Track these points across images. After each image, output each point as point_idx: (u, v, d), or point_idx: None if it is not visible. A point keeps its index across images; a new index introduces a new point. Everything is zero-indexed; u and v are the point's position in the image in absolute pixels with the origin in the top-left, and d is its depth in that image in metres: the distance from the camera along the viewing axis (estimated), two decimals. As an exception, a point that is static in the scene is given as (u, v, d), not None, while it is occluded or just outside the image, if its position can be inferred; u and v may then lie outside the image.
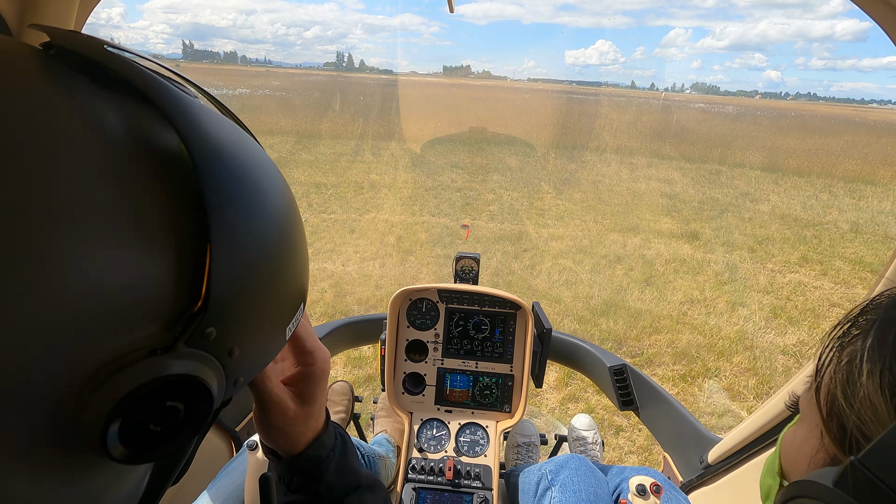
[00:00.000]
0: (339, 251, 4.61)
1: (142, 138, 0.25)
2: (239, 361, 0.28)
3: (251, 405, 1.50)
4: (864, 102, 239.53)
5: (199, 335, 0.24)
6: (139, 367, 0.22)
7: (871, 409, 0.29)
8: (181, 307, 0.24)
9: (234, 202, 0.26)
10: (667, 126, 18.50)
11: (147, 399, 0.23)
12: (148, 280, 0.22)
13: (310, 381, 0.46)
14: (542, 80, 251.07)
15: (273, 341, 0.32)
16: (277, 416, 0.44)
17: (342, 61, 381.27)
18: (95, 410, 0.21)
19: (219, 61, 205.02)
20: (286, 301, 0.32)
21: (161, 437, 0.25)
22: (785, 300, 4.11)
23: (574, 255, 4.81)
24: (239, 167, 0.28)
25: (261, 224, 0.28)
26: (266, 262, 0.28)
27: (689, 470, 1.18)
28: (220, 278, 0.25)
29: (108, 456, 0.23)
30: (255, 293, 0.28)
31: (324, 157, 9.12)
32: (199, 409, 0.26)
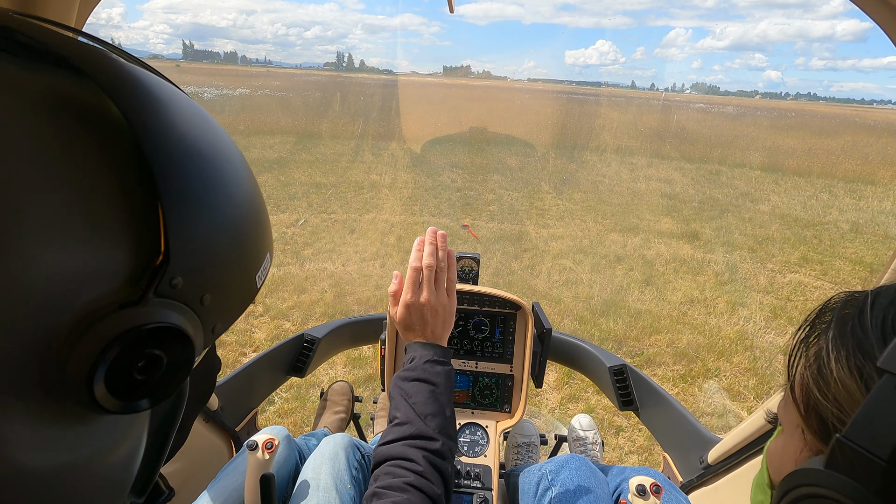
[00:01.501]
0: (339, 251, 4.61)
1: (73, 107, 0.25)
2: (212, 309, 0.30)
3: (251, 405, 1.51)
4: (864, 102, 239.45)
5: (168, 285, 0.26)
6: (112, 320, 0.24)
7: (845, 391, 0.31)
8: (143, 262, 0.26)
9: (180, 158, 0.27)
10: (667, 126, 18.50)
11: (128, 349, 0.25)
12: (103, 241, 0.24)
13: None
14: (543, 81, 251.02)
15: (243, 289, 0.34)
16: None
17: (342, 61, 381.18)
18: (78, 362, 0.23)
19: (219, 61, 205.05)
20: (250, 250, 0.34)
21: (147, 386, 0.26)
22: (785, 300, 4.11)
23: (574, 255, 4.81)
24: (180, 122, 0.28)
25: (212, 177, 0.29)
26: (223, 213, 0.30)
27: (689, 470, 1.18)
28: (177, 233, 0.26)
29: (97, 406, 0.24)
30: (217, 243, 0.29)
31: (324, 157, 9.12)
32: (180, 356, 0.27)
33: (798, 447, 0.37)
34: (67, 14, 0.64)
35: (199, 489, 0.93)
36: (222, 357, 2.85)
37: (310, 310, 3.47)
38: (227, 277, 0.31)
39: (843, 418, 0.31)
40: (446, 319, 0.80)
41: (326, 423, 1.49)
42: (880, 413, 0.27)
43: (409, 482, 0.59)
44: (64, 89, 0.26)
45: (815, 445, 0.35)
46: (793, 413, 0.37)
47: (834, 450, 0.29)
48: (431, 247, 0.82)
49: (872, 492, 0.27)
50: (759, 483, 0.45)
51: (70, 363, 0.23)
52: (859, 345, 0.32)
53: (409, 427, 0.66)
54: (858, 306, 0.34)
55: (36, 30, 0.26)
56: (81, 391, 0.23)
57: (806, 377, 0.36)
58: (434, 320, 0.78)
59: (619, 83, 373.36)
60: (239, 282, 0.33)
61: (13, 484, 0.22)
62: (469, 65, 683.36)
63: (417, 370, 0.73)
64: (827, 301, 0.38)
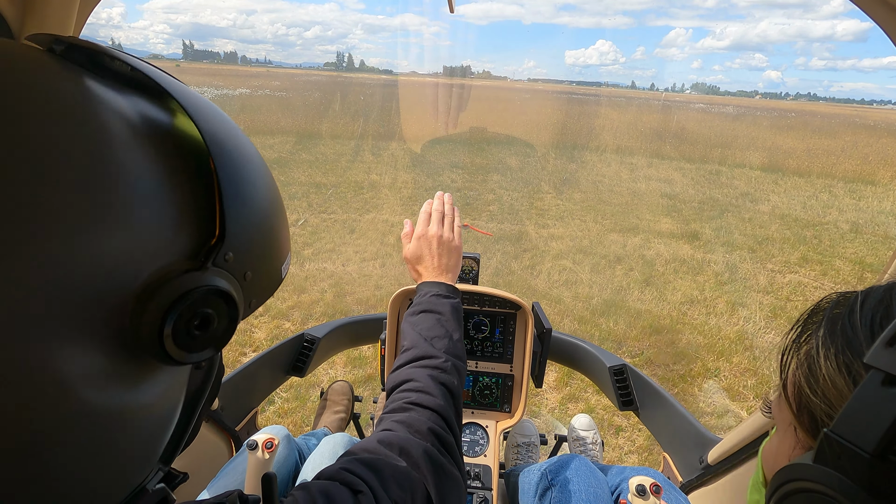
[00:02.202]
0: (339, 251, 4.61)
1: (156, 119, 0.32)
2: (251, 285, 0.36)
3: (251, 405, 1.51)
4: (864, 102, 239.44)
5: (222, 259, 0.33)
6: (179, 281, 0.30)
7: (834, 388, 0.32)
8: (204, 239, 0.33)
9: (236, 167, 0.35)
10: (667, 126, 18.50)
11: (190, 306, 0.30)
12: (176, 222, 0.31)
13: None
14: (543, 81, 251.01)
15: (272, 275, 0.40)
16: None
17: (342, 61, 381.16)
18: (151, 315, 0.28)
19: (219, 61, 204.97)
20: (279, 244, 0.41)
21: (202, 340, 0.32)
22: (785, 300, 4.11)
23: (574, 255, 4.81)
24: (234, 137, 0.36)
25: (255, 183, 0.37)
26: (263, 210, 0.38)
27: (689, 470, 1.18)
28: (230, 218, 0.33)
29: (164, 354, 0.29)
30: (259, 232, 0.37)
31: (324, 157, 9.12)
32: (227, 316, 0.33)
33: (791, 445, 0.38)
34: (68, 14, 0.65)
35: (199, 488, 0.93)
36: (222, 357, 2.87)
37: (310, 310, 3.47)
38: (264, 261, 0.38)
39: (833, 414, 0.32)
40: (453, 253, 0.87)
41: (326, 422, 1.49)
42: (865, 407, 0.28)
43: (411, 401, 0.59)
44: (149, 108, 0.33)
45: (807, 442, 0.36)
46: (786, 411, 0.38)
47: (822, 444, 0.29)
48: (438, 200, 0.93)
49: (859, 484, 0.27)
50: (755, 483, 0.46)
51: (145, 317, 0.28)
52: (848, 343, 0.32)
53: (413, 351, 0.69)
54: (849, 306, 0.34)
55: (123, 57, 0.33)
56: (153, 340, 0.29)
57: (797, 376, 0.36)
58: (441, 250, 0.86)
59: (619, 83, 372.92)
60: (270, 267, 0.39)
61: (78, 417, 0.26)
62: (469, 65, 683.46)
63: (424, 303, 0.77)
64: (818, 301, 0.39)
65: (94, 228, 0.26)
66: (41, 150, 0.24)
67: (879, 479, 0.27)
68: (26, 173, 0.24)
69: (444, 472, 0.51)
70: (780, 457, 0.39)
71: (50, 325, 0.24)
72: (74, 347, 0.25)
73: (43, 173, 0.24)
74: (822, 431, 0.30)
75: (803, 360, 0.36)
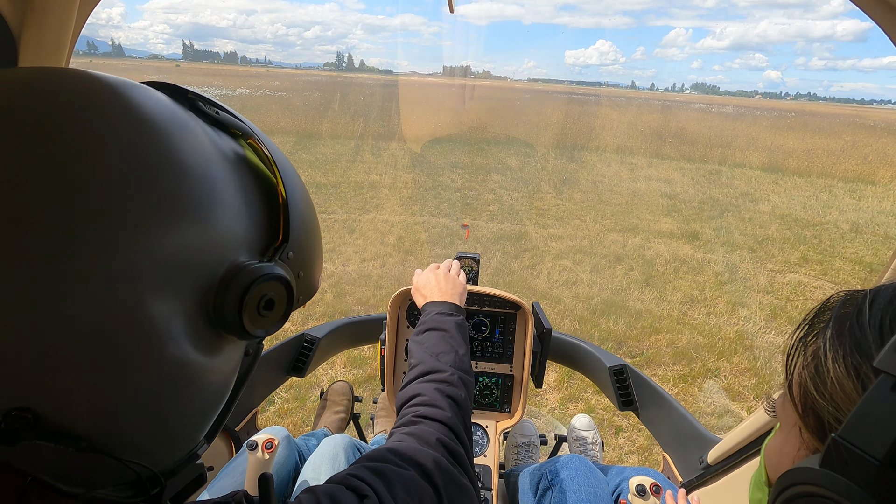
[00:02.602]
0: (339, 251, 4.61)
1: (243, 154, 0.41)
2: (302, 283, 0.43)
3: (251, 405, 1.51)
4: (864, 102, 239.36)
5: (286, 256, 0.40)
6: (253, 269, 0.36)
7: (841, 391, 0.32)
8: (273, 238, 0.41)
9: (295, 187, 0.43)
10: (667, 126, 18.50)
11: (259, 289, 0.36)
12: (255, 226, 0.39)
13: None
14: (543, 81, 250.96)
15: (314, 279, 0.47)
16: None
17: (342, 61, 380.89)
18: (232, 294, 0.35)
19: (219, 61, 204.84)
20: (320, 254, 0.48)
21: (268, 319, 0.39)
22: (785, 300, 4.11)
23: (574, 255, 4.81)
24: (292, 167, 0.44)
25: (307, 202, 0.45)
26: (312, 224, 0.46)
27: (689, 470, 1.18)
28: (292, 224, 0.41)
29: (240, 327, 0.36)
30: (309, 241, 0.44)
31: (324, 157, 9.12)
32: (285, 301, 0.40)
33: (795, 445, 0.37)
34: (68, 14, 0.64)
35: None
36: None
37: (310, 310, 3.47)
38: (312, 265, 0.45)
39: (840, 417, 0.31)
40: (457, 285, 0.93)
41: (326, 423, 1.49)
42: (875, 413, 0.27)
43: (420, 414, 0.61)
44: (234, 144, 0.41)
45: (811, 444, 0.35)
46: (790, 412, 0.37)
47: (829, 449, 0.29)
48: (447, 262, 1.03)
49: (867, 491, 0.27)
50: (756, 481, 0.45)
51: (227, 295, 0.35)
52: (857, 344, 0.32)
53: (420, 367, 0.71)
54: (857, 306, 0.34)
55: (210, 103, 0.41)
56: (233, 313, 0.35)
57: (804, 376, 0.36)
58: (447, 281, 0.92)
59: (619, 83, 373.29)
60: (315, 272, 0.46)
61: (164, 362, 0.32)
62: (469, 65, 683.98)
63: (429, 322, 0.81)
64: (826, 300, 0.38)
65: (194, 223, 0.33)
66: (166, 169, 0.32)
67: (888, 487, 0.26)
68: (158, 183, 0.31)
69: (454, 482, 0.51)
70: (783, 457, 0.39)
71: (159, 290, 0.31)
72: (169, 308, 0.31)
73: (167, 185, 0.32)
74: (829, 436, 0.29)
75: (810, 360, 0.35)
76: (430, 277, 0.94)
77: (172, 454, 0.37)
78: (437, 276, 0.93)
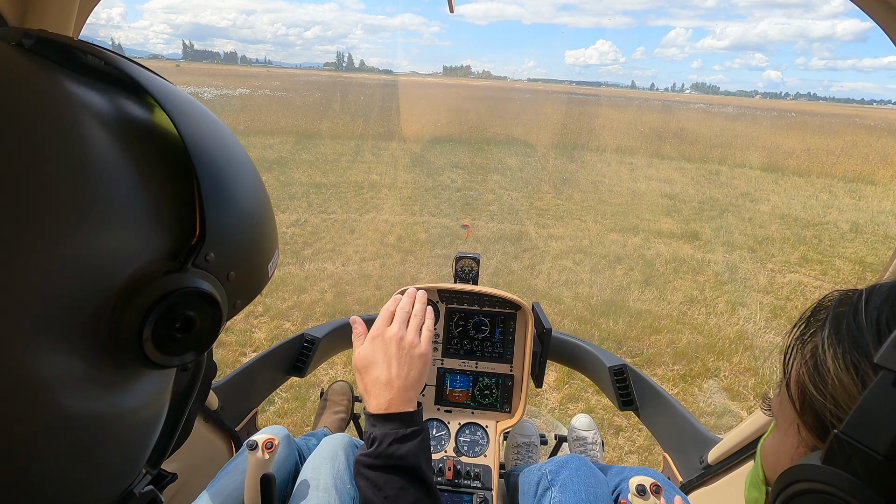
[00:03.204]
0: (339, 251, 4.60)
1: (133, 116, 0.31)
2: (235, 285, 0.35)
3: (251, 405, 1.51)
4: (864, 102, 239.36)
5: (203, 259, 0.32)
6: (158, 283, 0.29)
7: (841, 388, 0.32)
8: (184, 239, 0.32)
9: (216, 165, 0.33)
10: (667, 126, 18.50)
11: (170, 308, 0.29)
12: (155, 222, 0.30)
13: None
14: (542, 80, 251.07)
15: (259, 274, 0.39)
16: None
17: (342, 61, 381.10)
18: (131, 318, 0.28)
19: (219, 61, 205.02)
20: (265, 240, 0.40)
21: (184, 343, 0.31)
22: (785, 300, 4.11)
23: (574, 255, 4.81)
24: (214, 133, 0.35)
25: (238, 181, 0.35)
26: (246, 206, 0.36)
27: (689, 470, 1.18)
28: (211, 217, 0.32)
29: (143, 358, 0.29)
30: (242, 230, 0.36)
31: (324, 157, 9.11)
32: (210, 318, 0.32)
33: (793, 444, 0.37)
34: (67, 14, 0.64)
35: (198, 489, 0.93)
36: (222, 357, 2.85)
37: (310, 310, 3.47)
38: (248, 260, 0.37)
39: (840, 414, 0.32)
40: (416, 362, 0.68)
41: (326, 422, 1.49)
42: (877, 408, 0.27)
43: None
44: (124, 104, 0.31)
45: (810, 442, 0.36)
46: (788, 410, 0.38)
47: (832, 445, 0.29)
48: (408, 298, 0.74)
49: (870, 486, 0.27)
50: (753, 480, 0.45)
51: (123, 320, 0.28)
52: (854, 342, 0.32)
53: None
54: (853, 304, 0.34)
55: (97, 52, 0.31)
56: (132, 343, 0.28)
57: (801, 374, 0.36)
58: (401, 357, 0.68)
59: (619, 83, 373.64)
60: (256, 266, 0.39)
61: (59, 424, 0.25)
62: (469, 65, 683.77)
63: (382, 456, 0.61)
64: (821, 299, 0.39)
65: (66, 230, 0.25)
66: (8, 149, 0.23)
67: (892, 481, 0.26)
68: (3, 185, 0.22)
69: None
70: (782, 455, 0.39)
71: (26, 329, 0.23)
72: (53, 352, 0.24)
73: (10, 174, 0.23)
74: (831, 432, 0.29)
75: (808, 358, 0.36)
76: (376, 351, 0.68)
77: (101, 500, 0.32)
78: (386, 350, 0.68)
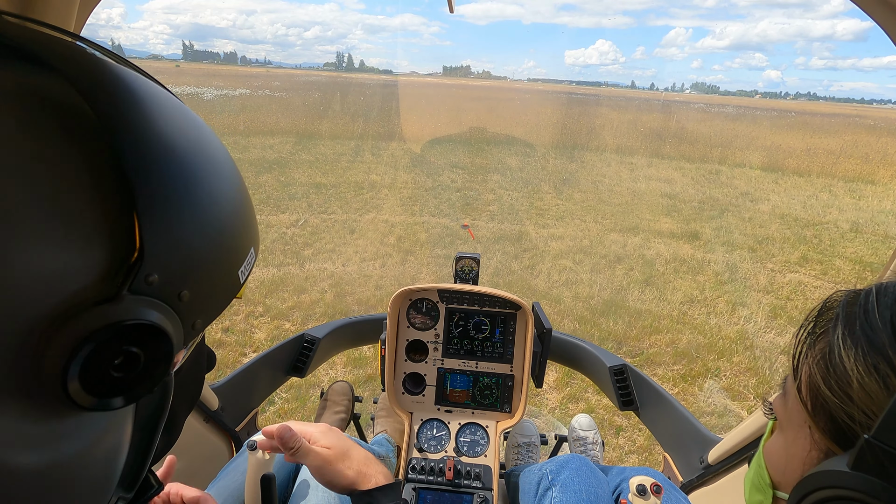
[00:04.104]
0: (339, 251, 4.60)
1: (41, 102, 0.25)
2: (192, 304, 0.29)
3: (251, 405, 1.51)
4: (864, 102, 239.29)
5: (143, 282, 0.26)
6: (87, 317, 0.24)
7: (861, 390, 0.31)
8: (117, 259, 0.25)
9: (156, 156, 0.27)
10: (667, 126, 18.50)
11: (104, 346, 0.24)
12: (75, 239, 0.24)
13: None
14: (542, 80, 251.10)
15: (225, 284, 0.33)
16: None
17: (342, 61, 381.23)
18: (54, 359, 0.23)
19: (219, 62, 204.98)
20: (231, 246, 0.33)
21: (124, 383, 0.26)
22: (785, 300, 4.11)
23: (574, 255, 4.81)
24: (157, 120, 0.28)
25: (190, 175, 0.29)
26: (201, 210, 0.29)
27: (690, 470, 1.18)
28: (152, 229, 0.26)
29: (71, 402, 0.24)
30: (195, 239, 0.29)
31: (324, 157, 9.11)
32: (157, 353, 0.27)
33: (804, 447, 0.36)
34: (67, 14, 0.64)
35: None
36: (222, 357, 2.85)
37: (310, 310, 3.47)
38: (207, 273, 0.30)
39: (860, 418, 0.31)
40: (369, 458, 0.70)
41: (327, 423, 1.49)
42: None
43: None
44: (34, 85, 0.25)
45: (823, 445, 0.35)
46: (797, 412, 0.37)
47: (862, 451, 0.28)
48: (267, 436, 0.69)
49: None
50: (756, 483, 0.44)
51: (46, 360, 0.23)
52: (870, 343, 0.31)
53: None
54: (862, 305, 0.33)
55: (6, 25, 0.26)
56: (56, 387, 0.23)
57: (813, 376, 0.35)
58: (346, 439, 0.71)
59: (618, 83, 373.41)
60: (220, 277, 0.32)
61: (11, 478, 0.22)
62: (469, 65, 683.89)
63: None
64: (826, 299, 0.38)
65: None
66: None
67: None
68: None
69: None
70: (792, 459, 0.38)
71: None
72: None
73: None
74: (860, 437, 0.28)
75: (818, 360, 0.35)
76: (340, 439, 0.71)
77: None
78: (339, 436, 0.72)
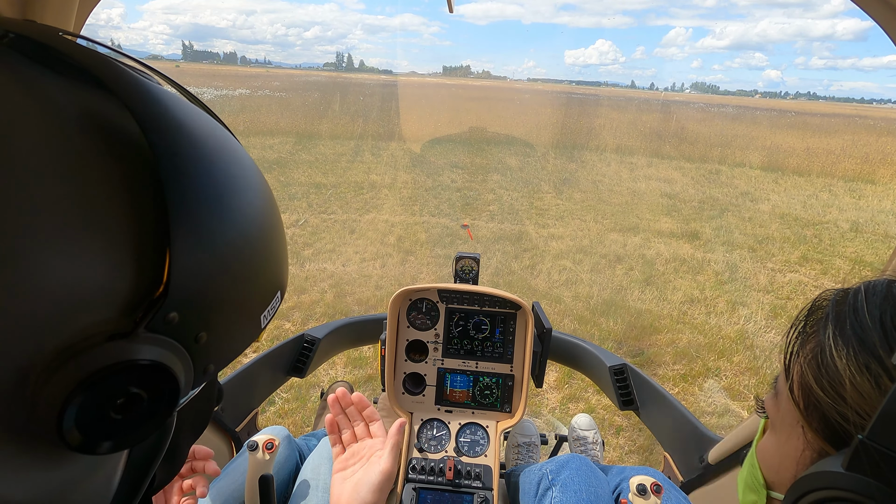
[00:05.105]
0: (339, 251, 4.60)
1: (97, 126, 0.25)
2: (207, 348, 0.28)
3: (251, 406, 1.51)
4: (864, 102, 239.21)
5: (161, 320, 0.24)
6: (98, 352, 0.22)
7: (853, 389, 0.31)
8: (141, 293, 0.24)
9: (197, 190, 0.26)
10: (667, 126, 18.50)
11: (108, 385, 0.23)
12: (102, 267, 0.22)
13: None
14: (542, 80, 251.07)
15: (245, 329, 0.31)
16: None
17: (342, 62, 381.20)
18: (52, 394, 0.21)
19: (218, 62, 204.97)
20: (258, 289, 0.32)
21: (122, 426, 0.24)
22: (785, 300, 4.11)
23: (574, 254, 4.81)
24: (203, 155, 0.27)
25: (227, 212, 0.28)
26: (233, 249, 0.28)
27: (690, 469, 1.18)
28: (181, 265, 0.24)
29: (63, 442, 0.22)
30: (222, 280, 0.27)
31: (324, 157, 9.11)
32: (162, 397, 0.25)
33: (797, 447, 0.36)
34: (66, 15, 0.64)
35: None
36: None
37: (310, 310, 3.47)
38: (228, 317, 0.29)
39: (854, 418, 0.31)
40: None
41: (327, 423, 1.49)
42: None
43: None
44: (89, 106, 0.25)
45: (816, 444, 0.35)
46: (789, 412, 0.37)
47: (857, 451, 0.28)
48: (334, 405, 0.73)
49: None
50: (749, 483, 0.44)
51: (45, 394, 0.21)
52: (861, 342, 0.31)
53: None
54: (850, 303, 0.33)
55: (70, 46, 0.25)
56: (51, 424, 0.22)
57: (805, 376, 0.35)
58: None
59: (618, 83, 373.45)
60: (241, 322, 0.31)
61: None
62: (469, 65, 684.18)
63: None
64: (815, 298, 0.38)
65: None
66: None
67: None
68: None
69: None
70: (785, 459, 0.38)
71: None
72: None
73: None
74: (854, 437, 0.28)
75: (810, 359, 0.35)
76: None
77: None
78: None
